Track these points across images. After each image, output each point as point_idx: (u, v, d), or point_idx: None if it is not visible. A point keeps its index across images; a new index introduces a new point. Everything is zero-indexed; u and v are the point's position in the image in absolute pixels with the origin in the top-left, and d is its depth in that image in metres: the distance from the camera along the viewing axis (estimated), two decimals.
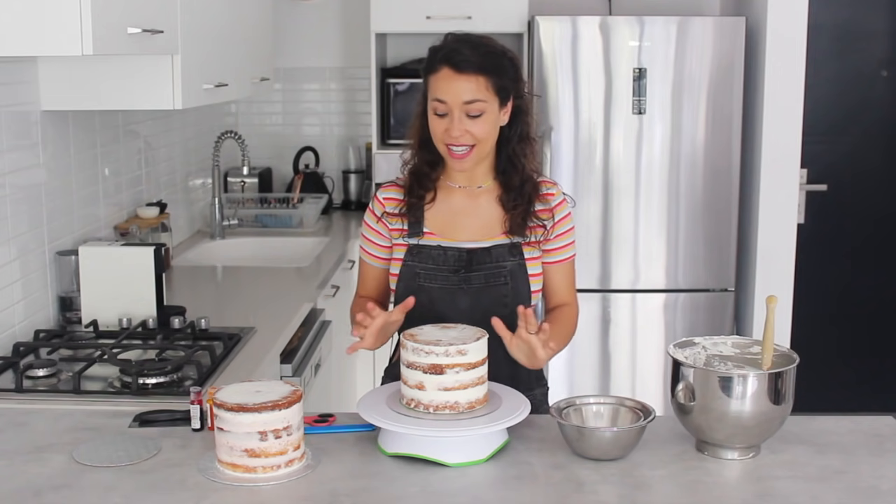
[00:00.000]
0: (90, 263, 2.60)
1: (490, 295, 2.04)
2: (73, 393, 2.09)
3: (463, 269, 2.05)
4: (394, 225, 2.10)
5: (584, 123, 3.99)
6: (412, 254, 2.07)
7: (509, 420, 1.73)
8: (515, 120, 2.06)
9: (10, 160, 2.46)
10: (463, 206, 2.09)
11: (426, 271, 2.05)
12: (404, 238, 2.09)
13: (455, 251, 2.05)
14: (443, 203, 2.10)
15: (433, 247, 2.06)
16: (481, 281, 2.04)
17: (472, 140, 1.98)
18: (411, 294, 2.04)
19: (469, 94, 1.96)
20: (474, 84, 1.96)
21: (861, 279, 4.53)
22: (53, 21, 2.00)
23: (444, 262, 2.05)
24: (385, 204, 2.12)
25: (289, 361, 2.74)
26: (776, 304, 1.76)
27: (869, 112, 4.45)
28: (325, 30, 4.61)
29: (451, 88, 1.96)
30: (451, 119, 1.97)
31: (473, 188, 2.10)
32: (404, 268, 2.07)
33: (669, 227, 4.03)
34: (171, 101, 2.61)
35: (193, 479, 1.64)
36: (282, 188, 4.58)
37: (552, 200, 2.10)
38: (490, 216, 2.08)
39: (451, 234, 2.08)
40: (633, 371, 4.13)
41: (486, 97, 1.97)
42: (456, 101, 1.96)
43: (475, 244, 2.06)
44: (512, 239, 2.06)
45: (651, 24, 3.92)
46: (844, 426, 1.89)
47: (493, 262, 2.05)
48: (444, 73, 1.97)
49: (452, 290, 2.05)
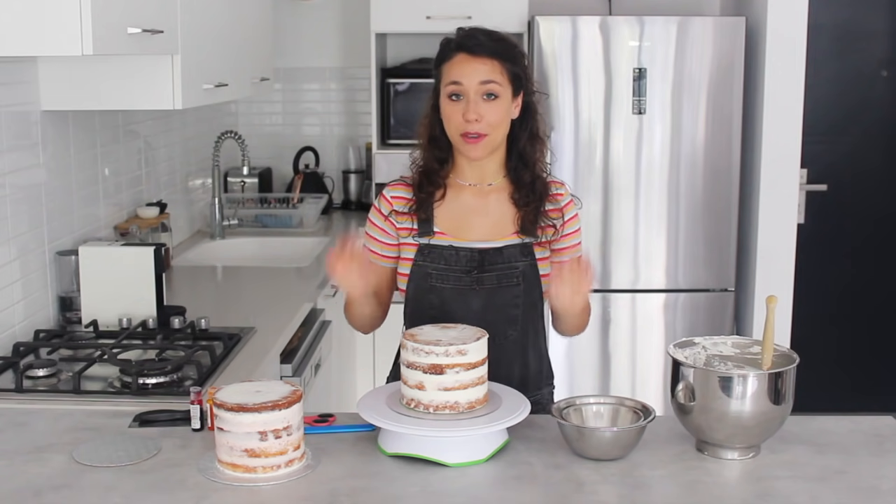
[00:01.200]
0: (90, 263, 2.60)
1: (502, 296, 2.03)
2: (73, 393, 2.09)
3: (475, 270, 2.03)
4: (402, 224, 2.08)
5: (584, 123, 3.99)
6: (423, 254, 2.05)
7: (509, 420, 1.73)
8: (525, 117, 2.07)
9: (10, 160, 2.46)
10: (473, 205, 2.08)
11: (438, 272, 2.04)
12: (414, 237, 2.07)
13: (467, 251, 2.04)
14: (453, 202, 2.08)
15: (445, 247, 2.04)
16: (494, 281, 2.03)
17: (487, 127, 1.97)
18: (422, 294, 2.04)
19: (485, 74, 1.97)
20: (489, 66, 1.97)
21: (861, 279, 4.53)
22: (53, 21, 2.00)
23: (457, 263, 2.03)
24: (393, 202, 2.09)
25: (289, 361, 2.74)
26: (776, 304, 1.76)
27: (869, 112, 4.45)
28: (325, 30, 4.62)
29: (467, 70, 1.97)
30: (466, 102, 1.97)
31: (484, 185, 2.08)
32: (415, 268, 2.06)
33: (669, 227, 4.04)
34: (171, 101, 2.61)
35: (193, 479, 1.64)
36: (282, 188, 4.58)
37: (562, 200, 2.09)
38: (501, 215, 2.07)
39: (463, 233, 2.06)
40: (633, 371, 4.13)
41: (500, 81, 1.98)
42: (471, 81, 1.97)
43: (487, 244, 2.05)
44: (523, 239, 2.05)
45: (651, 24, 3.92)
46: (844, 426, 1.89)
47: (505, 263, 2.04)
48: (460, 58, 1.99)
49: (464, 290, 2.03)
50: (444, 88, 2.00)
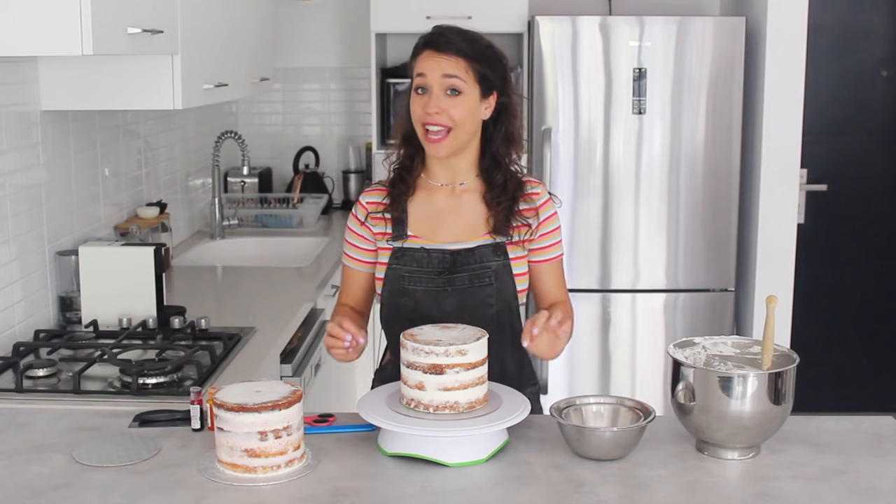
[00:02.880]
0: (90, 263, 2.60)
1: (475, 296, 2.04)
2: (73, 393, 2.09)
3: (447, 271, 2.04)
4: (377, 228, 2.10)
5: (584, 123, 3.99)
6: (397, 257, 2.07)
7: (509, 420, 1.73)
8: (500, 119, 2.08)
9: (10, 160, 2.46)
10: (446, 206, 2.09)
11: (410, 274, 2.05)
12: (388, 241, 2.09)
13: (439, 253, 2.05)
14: (426, 204, 2.10)
15: (417, 249, 2.06)
16: (465, 282, 2.04)
17: (449, 121, 1.99)
18: (397, 297, 2.06)
19: (448, 68, 2.00)
20: (454, 62, 2.00)
21: (861, 279, 4.53)
22: (53, 21, 2.00)
23: (429, 265, 2.05)
24: (368, 207, 2.13)
25: (289, 361, 2.74)
26: (776, 304, 1.76)
27: (869, 112, 4.45)
28: (325, 30, 4.61)
29: (431, 64, 2.01)
30: (429, 95, 2.00)
31: (455, 185, 2.10)
32: (389, 271, 2.07)
33: (669, 227, 4.03)
34: (171, 101, 2.61)
35: (193, 479, 1.64)
36: (282, 188, 4.58)
37: (537, 200, 2.10)
38: (474, 216, 2.08)
39: (435, 235, 2.07)
40: (633, 371, 4.13)
41: (465, 78, 2.00)
42: (434, 74, 2.00)
43: (459, 245, 2.06)
44: (496, 239, 2.06)
45: (651, 24, 3.92)
46: (844, 426, 1.89)
47: (477, 263, 2.05)
48: (426, 53, 2.04)
49: (437, 292, 2.04)
50: (412, 82, 2.05)
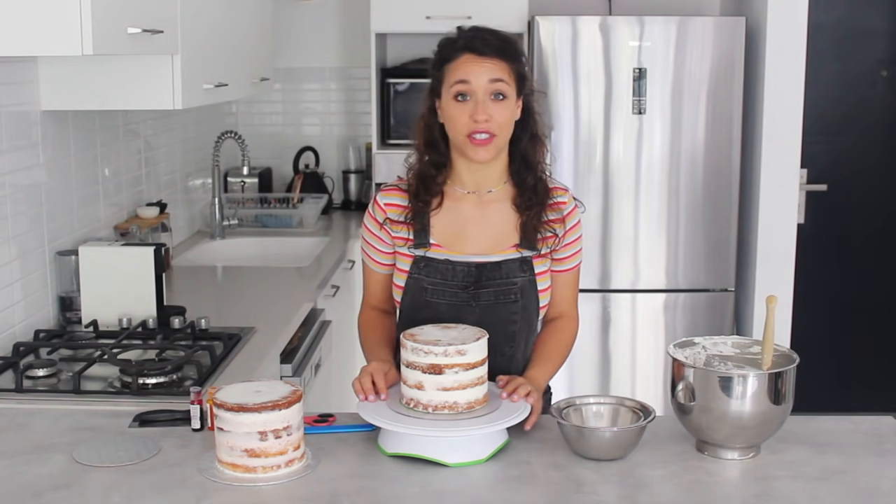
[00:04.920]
0: (90, 263, 2.60)
1: (499, 312, 1.98)
2: (73, 393, 2.09)
3: (472, 286, 1.98)
4: (397, 233, 2.02)
5: (584, 123, 3.98)
6: (419, 266, 2.00)
7: (509, 420, 1.73)
8: (525, 117, 2.02)
9: (10, 160, 2.46)
10: (472, 215, 2.01)
11: (434, 286, 1.98)
12: (409, 248, 2.01)
13: (464, 266, 1.98)
14: (450, 211, 2.01)
15: (441, 260, 1.98)
16: (490, 298, 1.98)
17: (496, 127, 1.92)
18: (418, 309, 1.99)
19: (494, 73, 1.92)
20: (498, 66, 1.93)
21: (861, 279, 4.53)
22: (53, 21, 2.00)
23: (453, 278, 1.98)
24: (387, 210, 2.03)
25: (289, 361, 2.74)
26: (776, 304, 1.76)
27: (869, 112, 4.45)
28: (325, 30, 4.61)
29: (475, 69, 1.92)
30: (474, 102, 1.92)
31: (483, 193, 2.02)
32: (410, 281, 2.00)
33: (669, 227, 4.03)
34: (171, 102, 2.61)
35: (193, 479, 1.64)
36: (282, 188, 4.58)
37: (564, 209, 2.04)
38: (501, 226, 2.01)
39: (459, 246, 2.00)
40: (633, 371, 4.13)
41: (508, 81, 1.94)
42: (480, 81, 1.92)
43: (485, 258, 1.99)
44: (523, 253, 1.99)
45: (651, 24, 3.92)
46: (844, 426, 1.89)
47: (503, 279, 1.98)
48: (466, 58, 1.94)
49: (460, 306, 1.98)
50: (450, 89, 1.94)
